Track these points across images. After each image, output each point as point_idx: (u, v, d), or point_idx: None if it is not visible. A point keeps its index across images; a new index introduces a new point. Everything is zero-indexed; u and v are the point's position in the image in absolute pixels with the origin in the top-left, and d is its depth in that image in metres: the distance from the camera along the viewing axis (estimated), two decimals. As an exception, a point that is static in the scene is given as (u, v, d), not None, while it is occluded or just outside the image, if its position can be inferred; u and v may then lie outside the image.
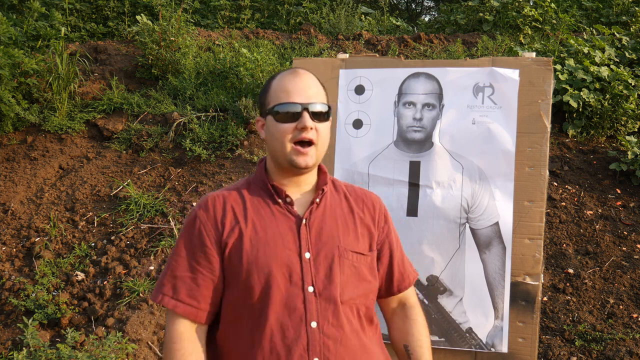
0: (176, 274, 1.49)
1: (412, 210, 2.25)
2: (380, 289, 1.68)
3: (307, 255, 1.50)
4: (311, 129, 1.49)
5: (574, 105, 4.92)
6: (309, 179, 1.58)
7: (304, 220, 1.52)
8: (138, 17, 5.80)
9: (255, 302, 1.46)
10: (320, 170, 1.62)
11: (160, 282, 1.51)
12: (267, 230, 1.50)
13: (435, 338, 2.20)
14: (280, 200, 1.54)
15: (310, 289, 1.48)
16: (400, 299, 1.73)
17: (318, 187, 1.59)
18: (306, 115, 1.49)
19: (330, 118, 1.58)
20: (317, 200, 1.56)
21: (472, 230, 2.21)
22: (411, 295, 1.74)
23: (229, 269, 1.48)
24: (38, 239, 4.24)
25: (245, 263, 1.46)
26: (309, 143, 1.50)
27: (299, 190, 1.57)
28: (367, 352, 1.54)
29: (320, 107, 1.52)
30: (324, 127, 1.53)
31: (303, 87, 1.52)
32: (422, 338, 1.67)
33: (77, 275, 3.93)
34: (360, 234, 1.59)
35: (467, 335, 2.19)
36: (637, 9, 6.68)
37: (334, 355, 1.48)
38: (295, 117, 1.49)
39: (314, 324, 1.46)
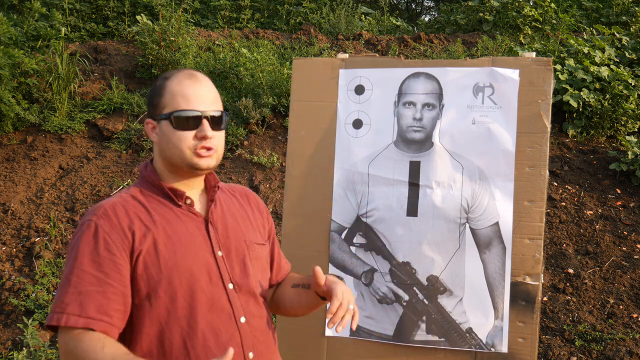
0: (81, 290, 1.33)
1: (412, 210, 2.25)
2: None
3: (220, 253, 1.49)
4: (211, 137, 1.45)
5: (574, 105, 4.92)
6: (200, 179, 1.55)
7: (210, 220, 1.51)
8: (138, 17, 5.80)
9: (181, 308, 1.41)
10: None
11: (60, 302, 1.33)
12: (178, 233, 1.45)
13: (435, 338, 2.20)
14: (181, 203, 1.49)
15: (230, 286, 1.48)
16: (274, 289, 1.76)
17: (209, 185, 1.56)
18: (206, 123, 1.45)
19: (225, 125, 1.54)
20: (212, 199, 1.54)
21: (472, 230, 2.21)
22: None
23: (144, 278, 1.39)
24: (38, 239, 4.24)
25: (165, 269, 1.39)
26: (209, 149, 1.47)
27: (192, 191, 1.53)
28: (274, 338, 1.62)
29: (218, 114, 1.48)
30: (222, 134, 1.51)
31: (203, 93, 1.47)
32: (296, 275, 1.74)
33: (77, 275, 3.94)
34: (255, 227, 1.63)
35: (467, 335, 2.19)
36: (637, 9, 6.68)
37: (263, 345, 1.52)
38: (194, 125, 1.45)
39: (242, 319, 1.48)
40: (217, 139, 1.48)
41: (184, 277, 1.42)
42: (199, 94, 1.47)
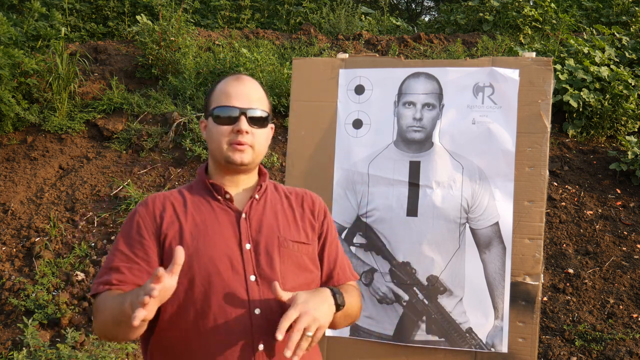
0: (112, 266, 1.51)
1: (412, 210, 2.25)
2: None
3: (248, 246, 1.54)
4: (247, 132, 1.55)
5: (574, 105, 4.92)
6: (248, 180, 1.64)
7: (243, 215, 1.58)
8: (138, 17, 5.80)
9: (198, 291, 1.48)
10: (260, 171, 1.69)
11: (97, 276, 1.53)
12: (206, 223, 1.55)
13: (435, 338, 2.20)
14: (219, 197, 1.59)
15: (252, 277, 1.52)
16: None
17: (257, 185, 1.65)
18: (243, 119, 1.55)
19: (271, 125, 1.64)
20: (257, 196, 1.61)
21: (472, 230, 2.21)
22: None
23: (169, 259, 1.48)
24: (38, 239, 4.24)
25: (187, 254, 1.47)
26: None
27: (237, 189, 1.62)
28: None
29: (259, 113, 1.58)
30: (262, 132, 1.60)
31: (244, 92, 1.58)
32: (348, 288, 1.66)
33: (77, 275, 3.93)
34: (300, 226, 1.65)
35: (467, 335, 2.18)
36: (637, 9, 6.68)
37: (277, 339, 1.49)
38: (232, 120, 1.55)
39: (257, 311, 1.49)
40: (255, 136, 1.57)
41: (202, 263, 1.49)
42: (240, 92, 1.58)
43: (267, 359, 1.49)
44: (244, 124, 1.54)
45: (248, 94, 1.58)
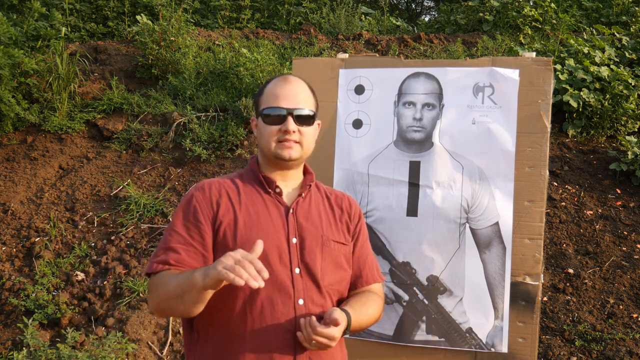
0: (169, 246, 1.58)
1: (412, 210, 2.25)
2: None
3: (294, 240, 1.64)
4: (294, 132, 1.65)
5: (574, 105, 4.92)
6: (295, 176, 1.75)
7: (291, 210, 1.67)
8: (138, 17, 5.80)
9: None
10: (306, 170, 1.79)
11: (154, 255, 1.60)
12: (259, 214, 1.63)
13: (435, 338, 2.20)
14: (270, 190, 1.68)
15: (297, 270, 1.62)
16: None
17: (304, 183, 1.75)
18: (290, 119, 1.65)
19: (317, 122, 1.76)
20: (303, 194, 1.72)
21: (472, 230, 2.21)
22: (374, 289, 1.81)
23: (222, 246, 1.58)
24: (38, 239, 4.24)
25: (240, 241, 1.57)
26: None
27: (286, 184, 1.72)
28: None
29: (305, 112, 1.69)
30: (309, 130, 1.71)
31: (291, 93, 1.69)
32: (361, 297, 1.74)
33: (77, 275, 3.93)
34: (339, 227, 1.76)
35: (467, 335, 2.18)
36: (637, 9, 6.68)
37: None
38: (280, 120, 1.66)
39: (301, 302, 1.60)
40: (302, 135, 1.68)
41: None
42: (287, 93, 1.68)
43: (304, 347, 1.58)
44: (291, 124, 1.65)
45: (295, 94, 1.68)
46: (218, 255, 1.54)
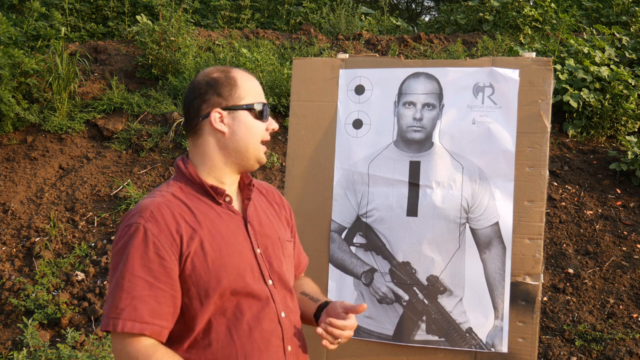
0: (134, 295, 1.35)
1: (412, 210, 2.24)
2: None
3: (259, 250, 1.53)
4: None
5: (574, 105, 4.92)
6: (237, 178, 1.59)
7: (247, 220, 1.54)
8: (138, 17, 5.80)
9: (229, 303, 1.44)
10: None
11: (114, 307, 1.35)
12: (221, 232, 1.46)
13: (435, 338, 2.20)
14: (221, 201, 1.51)
15: (270, 281, 1.52)
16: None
17: (243, 184, 1.59)
18: (272, 119, 1.58)
19: None
20: (249, 197, 1.57)
21: (472, 230, 2.21)
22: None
23: (193, 279, 1.40)
24: (38, 239, 4.24)
25: (213, 268, 1.41)
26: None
27: (230, 189, 1.56)
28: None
29: None
30: None
31: (262, 91, 1.59)
32: (311, 284, 1.79)
33: (77, 275, 3.93)
34: (283, 224, 1.67)
35: (467, 335, 2.18)
36: (637, 9, 6.68)
37: (298, 340, 1.58)
38: (266, 117, 1.55)
39: (283, 314, 1.53)
40: None
41: (231, 275, 1.44)
42: (261, 90, 1.58)
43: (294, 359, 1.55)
44: (275, 123, 1.57)
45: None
46: (186, 289, 1.40)
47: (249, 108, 1.52)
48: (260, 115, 1.53)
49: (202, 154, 1.52)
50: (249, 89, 1.53)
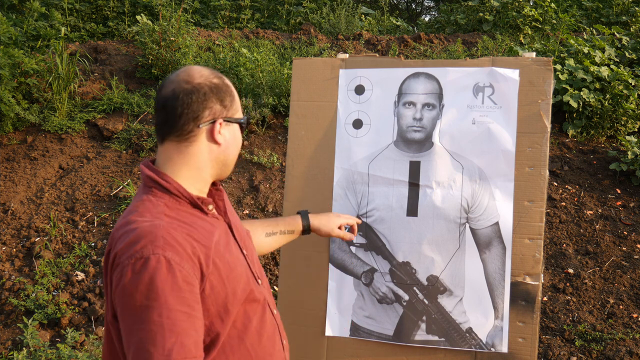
0: (177, 331, 1.23)
1: (412, 210, 2.24)
2: None
3: (244, 252, 1.50)
4: None
5: (574, 105, 4.92)
6: None
7: (231, 224, 1.50)
8: (138, 17, 5.80)
9: (238, 313, 1.41)
10: None
11: (160, 349, 1.20)
12: (220, 242, 1.39)
13: (435, 338, 2.20)
14: (207, 211, 1.43)
15: (259, 281, 1.52)
16: None
17: (213, 186, 1.54)
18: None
19: None
20: (222, 199, 1.54)
21: (472, 230, 2.21)
22: None
23: (212, 298, 1.33)
24: (38, 239, 4.24)
25: (228, 283, 1.36)
26: None
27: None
28: None
29: None
30: None
31: None
32: (255, 223, 1.89)
33: (77, 275, 3.93)
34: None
35: (467, 335, 2.18)
36: (637, 9, 6.69)
37: (282, 330, 1.60)
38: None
39: (275, 311, 1.55)
40: None
41: (241, 285, 1.40)
42: None
43: (287, 354, 1.57)
44: None
45: None
46: (206, 309, 1.32)
47: (241, 122, 1.48)
48: (242, 130, 1.50)
49: (188, 162, 1.41)
50: (239, 102, 1.49)
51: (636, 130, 5.13)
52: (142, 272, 1.23)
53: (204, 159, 1.42)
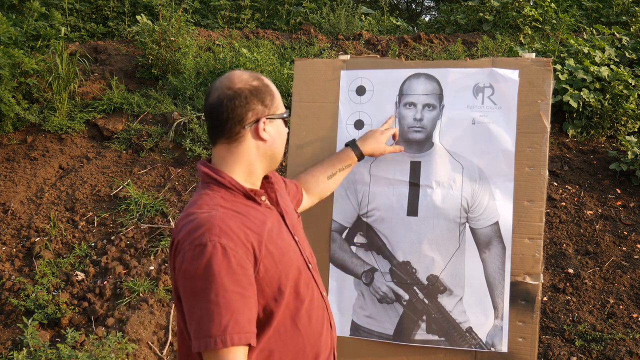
0: (232, 309, 1.37)
1: (412, 210, 2.25)
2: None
3: (296, 238, 1.64)
4: None
5: (574, 105, 4.92)
6: None
7: (283, 212, 1.64)
8: (138, 17, 5.80)
9: (290, 296, 1.53)
10: None
11: (217, 325, 1.35)
12: (273, 229, 1.53)
13: (435, 337, 2.20)
14: (260, 202, 1.58)
15: (310, 265, 1.65)
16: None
17: (265, 179, 1.70)
18: None
19: None
20: (274, 190, 1.68)
21: (472, 229, 2.21)
22: None
23: (266, 281, 1.46)
24: (38, 239, 4.24)
25: (280, 266, 1.49)
26: None
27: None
28: None
29: None
30: None
31: None
32: (317, 170, 2.11)
33: (77, 275, 3.94)
34: (291, 200, 1.83)
35: (467, 334, 2.19)
36: (637, 9, 6.69)
37: (330, 312, 1.73)
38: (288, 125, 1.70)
39: (324, 293, 1.67)
40: None
41: (293, 269, 1.54)
42: None
43: (334, 334, 1.68)
44: None
45: None
46: (261, 290, 1.46)
47: (284, 117, 1.63)
48: (286, 124, 1.66)
49: (239, 160, 1.57)
50: (280, 98, 1.63)
51: (636, 130, 5.14)
52: (200, 257, 1.37)
53: (253, 156, 1.58)
